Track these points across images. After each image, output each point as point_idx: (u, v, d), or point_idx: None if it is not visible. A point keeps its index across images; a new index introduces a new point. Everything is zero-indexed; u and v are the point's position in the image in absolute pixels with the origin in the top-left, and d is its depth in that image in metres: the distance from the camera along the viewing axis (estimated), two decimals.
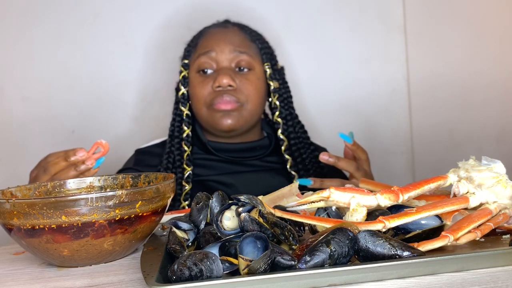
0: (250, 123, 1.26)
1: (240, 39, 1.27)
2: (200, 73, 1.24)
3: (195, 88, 1.24)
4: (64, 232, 0.63)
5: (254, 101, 1.24)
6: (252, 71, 1.25)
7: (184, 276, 0.52)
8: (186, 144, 1.24)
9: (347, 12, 1.65)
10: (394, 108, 1.68)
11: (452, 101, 1.65)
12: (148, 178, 0.81)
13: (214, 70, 1.24)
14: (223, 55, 1.23)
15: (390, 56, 1.67)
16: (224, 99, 1.19)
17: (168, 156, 1.24)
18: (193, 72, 1.26)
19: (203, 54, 1.24)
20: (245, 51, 1.24)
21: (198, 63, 1.24)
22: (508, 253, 0.55)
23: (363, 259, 0.55)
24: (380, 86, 1.67)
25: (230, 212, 0.62)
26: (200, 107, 1.23)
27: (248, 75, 1.24)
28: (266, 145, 1.30)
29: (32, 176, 1.00)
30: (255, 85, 1.24)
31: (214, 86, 1.20)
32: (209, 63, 1.24)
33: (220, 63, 1.23)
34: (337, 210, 0.66)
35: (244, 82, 1.22)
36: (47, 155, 0.99)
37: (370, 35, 1.66)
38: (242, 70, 1.24)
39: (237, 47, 1.24)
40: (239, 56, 1.23)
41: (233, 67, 1.24)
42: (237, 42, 1.25)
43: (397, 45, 1.67)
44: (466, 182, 0.67)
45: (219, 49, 1.23)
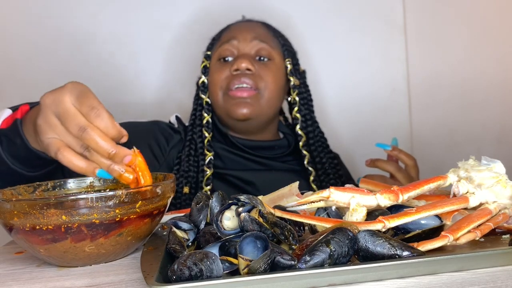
0: (267, 115, 1.25)
1: (262, 31, 1.29)
2: (220, 61, 1.25)
3: (214, 74, 1.25)
4: (64, 232, 0.63)
5: (272, 89, 1.23)
6: (272, 61, 1.26)
7: (184, 276, 0.52)
8: (207, 130, 1.24)
9: (347, 12, 1.65)
10: (394, 108, 1.68)
11: (452, 101, 1.65)
12: None
13: (234, 57, 1.25)
14: (245, 42, 1.24)
15: (390, 56, 1.67)
16: (242, 82, 1.19)
17: (190, 143, 1.24)
18: (214, 61, 1.27)
19: (225, 42, 1.25)
20: (266, 41, 1.26)
21: (220, 51, 1.26)
22: (508, 253, 0.55)
23: (363, 259, 0.55)
24: (380, 86, 1.67)
25: (230, 212, 0.62)
26: (217, 92, 1.23)
27: (268, 64, 1.25)
28: (284, 145, 1.30)
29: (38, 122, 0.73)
30: (274, 74, 1.24)
31: (232, 69, 1.21)
32: (230, 50, 1.25)
33: (241, 50, 1.24)
34: (337, 210, 0.66)
35: (263, 69, 1.23)
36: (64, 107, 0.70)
37: (370, 35, 1.66)
38: (263, 60, 1.25)
39: (259, 36, 1.26)
40: (259, 44, 1.25)
41: (253, 54, 1.25)
42: (259, 32, 1.27)
43: (397, 45, 1.67)
44: (466, 182, 0.67)
45: (241, 37, 1.25)
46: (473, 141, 1.64)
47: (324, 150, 1.30)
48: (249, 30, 1.26)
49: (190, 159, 1.22)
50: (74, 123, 0.68)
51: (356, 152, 1.61)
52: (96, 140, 0.67)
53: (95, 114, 0.68)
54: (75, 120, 0.68)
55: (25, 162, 0.86)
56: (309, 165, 1.26)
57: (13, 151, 0.84)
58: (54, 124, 0.69)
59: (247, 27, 1.29)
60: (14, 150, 0.84)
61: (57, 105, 0.70)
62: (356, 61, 1.67)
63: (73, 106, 0.69)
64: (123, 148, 0.70)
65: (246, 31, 1.26)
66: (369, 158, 1.16)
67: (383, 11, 1.67)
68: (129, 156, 0.70)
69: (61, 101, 0.70)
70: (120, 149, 0.69)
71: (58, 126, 0.69)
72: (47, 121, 0.70)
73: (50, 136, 0.70)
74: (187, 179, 1.20)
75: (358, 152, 1.62)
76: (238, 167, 1.25)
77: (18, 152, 0.84)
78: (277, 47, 1.28)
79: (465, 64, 1.65)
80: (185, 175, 1.20)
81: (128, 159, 0.70)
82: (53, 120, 0.70)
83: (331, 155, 1.30)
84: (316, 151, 1.28)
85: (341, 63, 1.66)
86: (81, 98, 0.70)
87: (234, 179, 1.23)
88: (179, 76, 1.59)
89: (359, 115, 1.67)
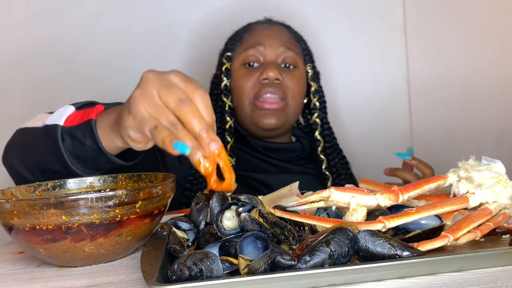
0: (291, 122, 1.27)
1: (287, 36, 1.29)
2: (245, 66, 1.25)
3: (240, 79, 1.24)
4: (64, 232, 0.63)
5: (297, 99, 1.25)
6: (297, 69, 1.26)
7: (184, 276, 0.52)
8: (229, 135, 1.24)
9: (347, 12, 1.65)
10: (394, 108, 1.68)
11: (452, 101, 1.65)
12: (149, 177, 0.81)
13: (260, 63, 1.24)
14: (272, 49, 1.24)
15: (390, 56, 1.67)
16: (270, 92, 1.19)
17: None
18: (237, 65, 1.26)
19: (251, 47, 1.24)
20: (292, 48, 1.26)
21: (244, 56, 1.25)
22: (508, 253, 0.55)
23: (363, 259, 0.55)
24: (380, 86, 1.67)
25: (230, 212, 0.62)
26: (244, 99, 1.23)
27: (294, 72, 1.25)
28: (298, 148, 1.31)
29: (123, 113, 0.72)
30: (299, 82, 1.25)
31: (261, 78, 1.21)
32: (256, 56, 1.24)
33: (268, 57, 1.24)
34: (337, 210, 0.66)
35: (290, 78, 1.23)
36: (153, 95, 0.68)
37: (370, 35, 1.66)
38: (288, 67, 1.25)
39: (285, 43, 1.26)
40: (286, 52, 1.25)
41: (279, 62, 1.24)
42: (285, 38, 1.27)
43: (397, 45, 1.67)
44: (466, 182, 0.67)
45: (268, 43, 1.24)
46: (473, 141, 1.64)
47: (338, 154, 1.32)
48: (275, 36, 1.26)
49: None
50: (175, 94, 0.66)
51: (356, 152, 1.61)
52: (193, 113, 0.65)
53: (199, 94, 0.67)
54: (178, 92, 0.66)
55: (88, 164, 0.84)
56: (327, 170, 1.26)
57: (78, 151, 0.82)
58: (151, 95, 0.67)
59: (273, 31, 1.27)
60: (79, 150, 0.82)
61: (160, 79, 0.68)
62: (356, 61, 1.67)
63: (177, 82, 0.68)
64: (213, 134, 0.66)
65: (272, 36, 1.25)
66: (388, 167, 1.18)
67: (383, 11, 1.67)
68: (216, 144, 0.65)
69: (166, 76, 0.68)
70: (209, 133, 0.65)
71: (154, 97, 0.67)
72: (145, 92, 0.67)
73: (142, 107, 0.67)
74: None
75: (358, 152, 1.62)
76: (256, 169, 1.25)
77: (83, 153, 0.82)
78: (300, 52, 1.28)
79: (465, 64, 1.65)
80: None
81: (215, 147, 0.65)
82: (151, 91, 0.67)
83: (345, 160, 1.32)
84: (332, 155, 1.29)
85: (341, 63, 1.66)
86: (187, 79, 0.68)
87: (253, 181, 1.24)
88: None
89: (359, 115, 1.67)
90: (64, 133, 0.83)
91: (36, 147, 0.86)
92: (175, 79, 0.68)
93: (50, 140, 0.83)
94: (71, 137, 0.83)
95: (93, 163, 0.84)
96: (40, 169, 0.86)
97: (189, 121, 0.65)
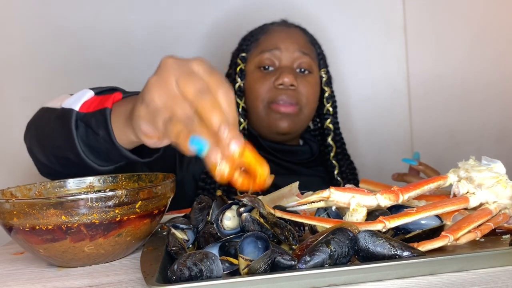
0: (304, 127, 1.28)
1: (304, 40, 1.27)
2: (260, 69, 1.24)
3: (255, 83, 1.23)
4: (64, 232, 0.63)
5: (311, 105, 1.25)
6: (312, 74, 1.26)
7: (184, 276, 0.52)
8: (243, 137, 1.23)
9: (347, 12, 1.65)
10: (394, 108, 1.68)
11: (452, 101, 1.65)
12: (148, 177, 0.81)
13: (275, 67, 1.23)
14: (288, 53, 1.23)
15: (390, 56, 1.67)
16: (284, 99, 1.19)
17: None
18: (252, 67, 1.25)
19: (267, 51, 1.23)
20: (307, 53, 1.25)
21: (260, 58, 1.24)
22: (508, 253, 0.55)
23: (363, 259, 0.55)
24: (380, 86, 1.67)
25: (231, 211, 0.62)
26: (258, 103, 1.23)
27: (308, 77, 1.25)
28: (306, 151, 1.31)
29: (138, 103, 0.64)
30: (313, 88, 1.25)
31: (276, 83, 1.20)
32: (272, 60, 1.23)
33: (283, 61, 1.23)
34: (337, 210, 0.66)
35: (304, 84, 1.23)
36: None
37: (370, 35, 1.66)
38: (303, 72, 1.24)
39: (301, 47, 1.25)
40: (302, 57, 1.24)
41: (295, 67, 1.24)
42: (301, 43, 1.26)
43: (397, 45, 1.67)
44: (466, 182, 0.67)
45: (284, 47, 1.23)
46: (473, 141, 1.64)
47: (347, 160, 1.32)
48: (292, 40, 1.25)
49: None
50: (196, 84, 0.58)
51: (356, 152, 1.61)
52: (213, 106, 0.56)
53: (223, 90, 0.58)
54: (199, 82, 0.58)
55: (100, 156, 0.78)
56: (338, 176, 1.27)
57: (91, 140, 0.77)
58: (168, 82, 0.59)
59: (289, 35, 1.26)
60: (93, 140, 0.76)
61: (181, 66, 0.61)
62: (356, 61, 1.67)
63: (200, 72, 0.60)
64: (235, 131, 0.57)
65: (288, 40, 1.24)
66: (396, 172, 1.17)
67: (383, 11, 1.66)
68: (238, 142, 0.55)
69: (188, 64, 0.61)
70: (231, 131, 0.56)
71: (172, 85, 0.59)
72: (162, 79, 0.60)
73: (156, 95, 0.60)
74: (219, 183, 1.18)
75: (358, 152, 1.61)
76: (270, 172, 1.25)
77: (96, 144, 0.76)
78: (315, 57, 1.28)
79: (465, 64, 1.65)
80: None
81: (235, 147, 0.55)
82: (169, 79, 0.60)
83: (353, 165, 1.33)
84: (342, 161, 1.30)
85: (340, 63, 1.66)
86: (211, 70, 0.60)
87: None
88: None
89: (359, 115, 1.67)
90: (79, 120, 0.77)
91: (52, 131, 0.81)
92: (198, 68, 0.60)
93: (64, 125, 0.77)
94: (85, 125, 0.77)
95: (106, 156, 0.78)
96: (55, 155, 0.81)
97: (208, 114, 0.55)
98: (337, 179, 1.27)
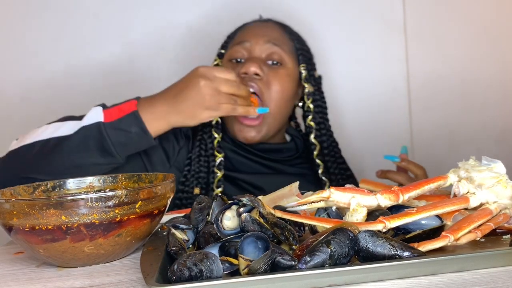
0: (277, 127, 1.23)
1: (277, 34, 1.25)
2: (232, 62, 1.23)
3: None
4: (64, 232, 0.63)
5: (278, 99, 1.19)
6: (284, 67, 1.21)
7: (184, 277, 0.52)
8: (216, 131, 1.22)
9: (347, 12, 1.65)
10: (394, 108, 1.68)
11: (452, 101, 1.65)
12: (148, 178, 0.81)
13: (245, 59, 1.22)
14: (257, 45, 1.21)
15: (390, 56, 1.67)
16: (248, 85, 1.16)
17: (200, 143, 1.22)
18: (225, 61, 1.25)
19: (237, 44, 1.23)
20: (279, 45, 1.22)
21: (231, 51, 1.23)
22: (509, 253, 0.55)
23: (363, 260, 0.55)
24: (380, 86, 1.67)
25: (231, 211, 0.62)
26: None
27: (279, 69, 1.21)
28: (292, 148, 1.28)
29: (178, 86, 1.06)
30: (283, 80, 1.20)
31: (241, 72, 1.17)
32: (241, 52, 1.22)
33: (252, 52, 1.21)
34: (337, 210, 0.66)
35: (272, 75, 1.19)
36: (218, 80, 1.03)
37: (370, 35, 1.66)
38: (275, 64, 1.21)
39: (272, 39, 1.22)
40: (271, 48, 1.21)
41: (264, 58, 1.21)
42: (273, 35, 1.24)
43: (397, 45, 1.67)
44: (466, 182, 0.67)
45: (254, 40, 1.22)
46: (473, 141, 1.64)
47: (337, 160, 1.27)
48: (263, 33, 1.24)
49: (200, 159, 1.20)
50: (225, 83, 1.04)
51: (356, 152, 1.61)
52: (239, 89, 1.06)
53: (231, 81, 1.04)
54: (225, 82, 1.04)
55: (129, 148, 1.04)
56: (324, 175, 1.24)
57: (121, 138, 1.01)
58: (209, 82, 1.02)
59: (262, 28, 1.26)
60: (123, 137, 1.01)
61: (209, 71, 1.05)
62: (356, 61, 1.67)
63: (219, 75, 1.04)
64: None
65: (260, 33, 1.23)
66: (379, 169, 1.16)
67: (383, 11, 1.66)
68: None
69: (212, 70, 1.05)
70: None
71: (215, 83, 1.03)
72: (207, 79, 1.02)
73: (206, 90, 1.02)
74: (198, 180, 1.18)
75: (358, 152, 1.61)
76: (248, 170, 1.23)
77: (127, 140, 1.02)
78: (291, 51, 1.24)
79: (465, 64, 1.65)
80: (196, 176, 1.18)
81: None
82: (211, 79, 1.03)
83: (344, 166, 1.29)
84: (330, 161, 1.25)
85: (340, 63, 1.66)
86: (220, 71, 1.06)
87: (244, 183, 1.22)
88: None
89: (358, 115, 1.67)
90: (107, 127, 1.00)
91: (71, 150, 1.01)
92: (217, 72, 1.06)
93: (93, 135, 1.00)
94: (114, 129, 1.01)
95: (135, 148, 1.05)
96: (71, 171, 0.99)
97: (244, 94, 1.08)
98: (322, 178, 1.24)
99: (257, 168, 1.23)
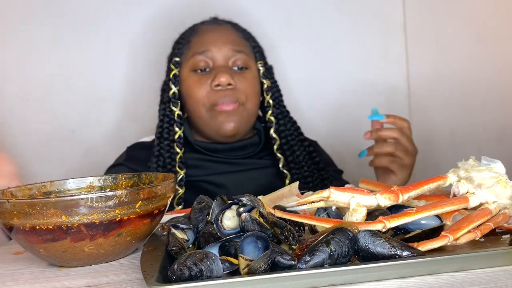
0: (250, 124, 1.25)
1: (235, 37, 1.26)
2: (195, 72, 1.22)
3: (192, 87, 1.21)
4: (64, 232, 0.63)
5: (253, 100, 1.23)
6: (249, 69, 1.24)
7: (184, 276, 0.52)
8: (178, 146, 1.21)
9: (347, 12, 1.65)
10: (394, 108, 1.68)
11: (452, 101, 1.65)
12: (148, 178, 0.81)
13: (210, 68, 1.22)
14: (220, 54, 1.21)
15: (390, 56, 1.67)
16: (226, 101, 1.18)
17: (158, 160, 1.21)
18: (186, 71, 1.23)
19: (199, 53, 1.22)
20: (241, 50, 1.23)
21: (193, 61, 1.22)
22: (508, 253, 0.55)
23: (363, 259, 0.55)
24: (380, 86, 1.67)
25: (231, 211, 0.62)
26: (200, 108, 1.20)
27: (246, 73, 1.23)
28: (256, 142, 1.28)
29: None
30: (252, 83, 1.23)
31: (213, 85, 1.18)
32: (206, 61, 1.21)
33: (218, 61, 1.21)
34: (337, 210, 0.66)
35: (242, 81, 1.21)
36: None
37: (370, 35, 1.66)
38: (241, 69, 1.23)
39: (234, 45, 1.23)
40: (235, 55, 1.22)
41: (230, 65, 1.22)
42: (233, 41, 1.24)
43: (397, 45, 1.67)
44: (466, 182, 0.67)
45: (216, 48, 1.21)
46: (473, 141, 1.64)
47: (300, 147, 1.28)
48: (223, 39, 1.23)
49: None
50: None
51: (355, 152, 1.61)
52: None
53: None
54: None
55: None
56: (284, 168, 1.24)
57: None
58: None
59: (219, 34, 1.25)
60: None
61: None
62: (356, 61, 1.67)
63: None
64: None
65: (220, 40, 1.22)
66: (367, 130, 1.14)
67: (383, 11, 1.66)
68: None
69: None
70: None
71: None
72: None
73: None
74: None
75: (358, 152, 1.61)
76: (209, 171, 1.23)
77: None
78: (250, 53, 1.26)
79: (465, 64, 1.65)
80: None
81: None
82: None
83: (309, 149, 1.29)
84: (290, 150, 1.26)
85: (341, 63, 1.66)
86: None
87: (205, 183, 1.21)
88: None
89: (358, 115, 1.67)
90: None
91: None
92: None
93: None
94: None
95: None
96: None
97: None
98: (283, 171, 1.24)
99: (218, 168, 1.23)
